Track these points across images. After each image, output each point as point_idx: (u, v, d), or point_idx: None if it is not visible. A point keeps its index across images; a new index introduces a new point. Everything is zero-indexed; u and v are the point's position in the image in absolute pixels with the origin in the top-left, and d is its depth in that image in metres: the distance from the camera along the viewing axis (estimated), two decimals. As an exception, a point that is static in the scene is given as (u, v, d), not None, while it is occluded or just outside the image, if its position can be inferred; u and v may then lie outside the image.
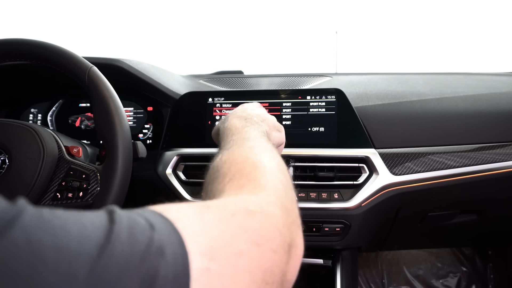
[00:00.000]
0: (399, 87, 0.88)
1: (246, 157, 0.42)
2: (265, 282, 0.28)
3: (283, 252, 0.31)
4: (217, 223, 0.28)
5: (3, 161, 0.58)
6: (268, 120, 0.56)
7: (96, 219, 0.23)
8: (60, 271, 0.19)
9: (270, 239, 0.30)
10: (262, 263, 0.28)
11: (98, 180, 0.59)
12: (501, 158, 0.76)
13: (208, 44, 1.41)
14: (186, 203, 0.30)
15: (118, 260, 0.21)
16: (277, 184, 0.38)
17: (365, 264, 1.36)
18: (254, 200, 0.34)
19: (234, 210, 0.30)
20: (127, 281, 0.21)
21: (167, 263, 0.23)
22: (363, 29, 1.37)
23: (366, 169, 0.74)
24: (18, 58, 0.62)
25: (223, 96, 0.83)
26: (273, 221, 0.32)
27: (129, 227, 0.23)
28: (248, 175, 0.39)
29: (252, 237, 0.29)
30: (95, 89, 0.59)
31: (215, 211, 0.29)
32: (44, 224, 0.20)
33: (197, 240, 0.25)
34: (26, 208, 0.21)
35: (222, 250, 0.26)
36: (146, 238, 0.23)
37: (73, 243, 0.20)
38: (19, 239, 0.18)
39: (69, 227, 0.21)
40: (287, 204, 0.36)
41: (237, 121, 0.52)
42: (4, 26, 1.32)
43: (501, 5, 1.29)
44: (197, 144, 0.81)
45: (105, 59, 0.82)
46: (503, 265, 1.29)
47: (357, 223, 0.75)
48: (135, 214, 0.25)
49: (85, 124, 0.93)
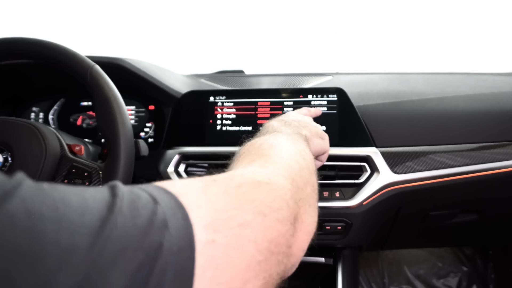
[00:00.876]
0: (400, 86, 0.88)
1: (265, 139, 0.43)
2: (271, 252, 0.28)
3: (289, 224, 0.31)
4: (222, 195, 0.28)
5: (6, 158, 0.58)
6: (310, 127, 0.54)
7: (98, 193, 0.23)
8: (61, 242, 0.18)
9: (276, 209, 0.30)
10: (267, 233, 0.28)
11: (100, 178, 0.59)
12: (502, 158, 0.76)
13: (209, 44, 1.41)
14: (191, 178, 0.29)
15: (120, 232, 0.20)
16: (291, 163, 0.38)
17: (366, 264, 1.36)
18: (262, 171, 0.34)
19: (240, 182, 0.30)
20: (130, 253, 0.20)
21: (170, 236, 0.22)
22: (364, 28, 1.38)
23: (368, 168, 0.74)
24: (21, 57, 0.62)
25: (224, 95, 0.83)
26: (280, 192, 0.32)
27: (131, 201, 0.23)
28: (262, 152, 0.39)
29: (258, 207, 0.28)
30: (97, 88, 0.59)
31: (220, 184, 0.29)
32: (44, 196, 0.20)
33: (201, 213, 0.25)
34: (24, 181, 0.20)
35: (226, 221, 0.26)
36: (149, 212, 0.23)
37: (74, 215, 0.20)
38: (18, 210, 0.18)
39: (70, 199, 0.21)
40: (299, 182, 0.36)
41: (276, 123, 0.52)
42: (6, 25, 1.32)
43: (501, 5, 1.29)
44: (199, 143, 0.81)
45: (107, 58, 0.82)
46: (504, 265, 1.29)
47: (358, 222, 0.75)
48: (137, 188, 0.25)
49: (86, 123, 0.93)
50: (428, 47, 1.34)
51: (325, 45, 1.37)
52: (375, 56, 1.35)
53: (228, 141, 0.80)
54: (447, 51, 1.32)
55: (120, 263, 0.19)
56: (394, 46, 1.34)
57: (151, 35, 1.41)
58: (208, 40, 1.41)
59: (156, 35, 1.41)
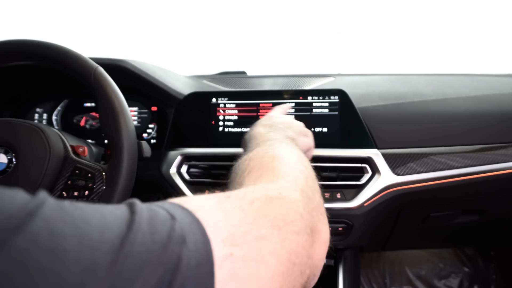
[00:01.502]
0: (401, 87, 0.89)
1: (264, 151, 0.43)
2: (293, 263, 0.28)
3: (306, 235, 0.31)
4: (237, 211, 0.28)
5: (10, 160, 0.59)
6: (294, 126, 0.56)
7: (117, 210, 0.23)
8: (82, 261, 0.19)
9: (291, 222, 0.30)
10: (285, 245, 0.28)
11: (103, 179, 0.60)
12: (503, 159, 0.76)
13: (211, 45, 1.42)
14: (205, 195, 0.30)
15: (140, 249, 0.21)
16: (296, 173, 0.39)
17: (367, 264, 1.36)
18: (272, 186, 0.34)
19: (253, 198, 0.30)
20: (150, 269, 0.20)
21: (189, 251, 0.22)
22: (366, 29, 1.38)
23: (369, 169, 0.75)
24: (25, 59, 0.63)
25: (226, 96, 0.83)
26: (293, 205, 0.32)
27: (150, 218, 0.23)
28: (266, 165, 0.39)
29: (272, 221, 0.29)
30: (101, 90, 0.60)
31: (235, 200, 0.30)
32: (65, 215, 0.20)
33: (218, 228, 0.25)
34: (47, 200, 0.21)
35: (243, 235, 0.26)
36: (167, 228, 0.23)
37: (95, 233, 0.20)
38: (41, 230, 0.18)
39: (90, 218, 0.21)
40: (308, 191, 0.37)
41: (262, 128, 0.53)
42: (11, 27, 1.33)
43: (504, 6, 1.29)
44: (201, 144, 0.81)
45: (111, 59, 0.83)
46: (505, 266, 1.29)
47: (360, 223, 0.75)
48: (155, 205, 0.25)
49: (89, 124, 0.93)
50: (430, 48, 1.34)
51: (327, 46, 1.38)
52: (377, 57, 1.35)
53: (230, 142, 0.81)
54: (449, 52, 1.32)
55: (140, 279, 0.20)
56: (396, 47, 1.35)
57: (154, 37, 1.42)
58: (210, 41, 1.42)
59: (159, 37, 1.42)
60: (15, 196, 0.20)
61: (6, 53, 0.62)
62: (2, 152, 0.59)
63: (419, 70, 1.01)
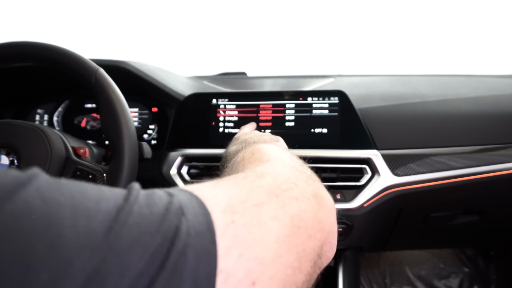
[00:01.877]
0: (401, 88, 0.89)
1: (243, 152, 0.45)
2: (297, 226, 0.28)
3: (307, 200, 0.31)
4: (232, 186, 0.29)
5: (12, 161, 0.59)
6: (263, 136, 0.59)
7: (115, 188, 0.24)
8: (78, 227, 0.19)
9: (286, 190, 0.30)
10: (286, 209, 0.28)
11: (104, 181, 0.60)
12: (503, 160, 0.76)
13: (212, 46, 1.42)
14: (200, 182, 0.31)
15: (137, 219, 0.21)
16: (280, 155, 0.40)
17: (368, 264, 1.36)
18: (261, 167, 0.36)
19: (245, 175, 0.32)
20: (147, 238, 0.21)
21: (188, 221, 0.23)
22: (366, 30, 1.38)
23: (369, 170, 0.75)
24: (26, 61, 0.63)
25: (227, 97, 0.84)
26: (285, 177, 0.33)
27: (147, 194, 0.24)
28: (249, 159, 0.41)
29: (268, 190, 0.29)
30: (102, 91, 0.60)
31: (228, 179, 0.31)
32: (59, 186, 0.20)
33: (216, 200, 0.26)
34: (40, 173, 0.21)
35: (242, 204, 0.27)
36: (165, 202, 0.23)
37: (91, 202, 0.20)
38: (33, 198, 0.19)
39: (86, 189, 0.21)
40: (296, 166, 0.38)
41: (234, 147, 0.55)
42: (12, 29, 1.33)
43: (504, 7, 1.29)
44: (201, 145, 0.82)
45: (111, 61, 0.83)
46: (506, 266, 1.30)
47: (359, 224, 0.75)
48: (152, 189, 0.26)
49: (90, 125, 0.94)
50: (430, 49, 1.34)
51: (327, 47, 1.38)
52: (377, 58, 1.35)
53: (230, 143, 0.81)
54: (449, 53, 1.32)
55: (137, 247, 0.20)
56: (396, 48, 1.35)
57: (155, 38, 1.42)
58: (210, 42, 1.42)
59: (159, 38, 1.42)
60: (8, 171, 0.20)
61: (8, 55, 0.62)
62: (4, 154, 0.59)
63: (419, 71, 1.01)
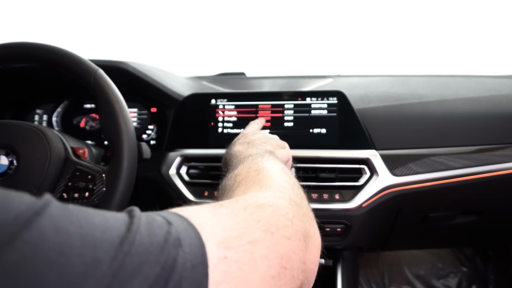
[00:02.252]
0: (400, 89, 0.89)
1: (249, 166, 0.45)
2: (283, 267, 0.29)
3: (298, 240, 0.32)
4: (231, 216, 0.30)
5: (11, 162, 0.59)
6: (270, 141, 0.59)
7: (118, 214, 0.25)
8: (85, 255, 0.20)
9: (282, 227, 0.31)
10: (277, 249, 0.29)
11: (103, 181, 0.60)
12: (501, 160, 0.77)
13: (210, 46, 1.42)
14: (199, 205, 0.32)
15: (139, 249, 0.22)
16: (282, 183, 0.40)
17: (366, 264, 1.37)
18: (262, 195, 0.36)
19: (245, 204, 0.32)
20: (148, 268, 0.22)
21: (185, 253, 0.24)
22: (365, 31, 1.38)
23: (367, 170, 0.75)
24: (26, 61, 0.63)
25: (226, 98, 0.84)
26: (283, 212, 0.33)
27: (148, 222, 0.25)
28: (253, 179, 0.41)
29: (264, 226, 0.30)
30: (101, 91, 0.60)
31: (228, 207, 0.31)
32: (70, 215, 0.22)
33: (212, 232, 0.27)
34: (52, 201, 0.22)
35: (237, 239, 0.27)
36: (164, 231, 0.25)
37: (97, 232, 0.22)
38: (47, 227, 0.20)
39: (93, 218, 0.23)
40: (295, 199, 0.38)
41: (240, 146, 0.56)
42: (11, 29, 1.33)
43: (502, 7, 1.29)
44: (200, 145, 0.82)
45: (111, 61, 0.83)
46: (504, 266, 1.30)
47: (358, 224, 0.76)
48: (152, 213, 0.27)
49: (89, 125, 0.94)
50: (428, 50, 1.34)
51: (326, 48, 1.38)
52: (376, 58, 1.36)
53: (229, 143, 0.81)
54: (448, 53, 1.32)
55: (139, 276, 0.21)
56: (395, 48, 1.35)
57: (154, 38, 1.42)
58: (209, 42, 1.42)
59: (158, 38, 1.42)
60: (23, 197, 0.21)
61: (7, 56, 0.63)
62: (3, 154, 0.59)
63: (417, 71, 1.01)
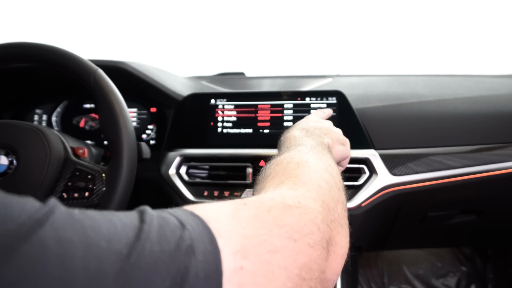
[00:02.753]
0: (399, 88, 0.89)
1: (292, 157, 0.42)
2: (302, 278, 0.27)
3: (321, 248, 0.30)
4: (253, 220, 0.28)
5: (11, 161, 0.59)
6: (331, 133, 0.54)
7: (126, 218, 0.23)
8: (90, 268, 0.19)
9: (307, 234, 0.29)
10: (298, 259, 0.27)
11: (103, 181, 0.60)
12: (500, 159, 0.77)
13: (210, 46, 1.42)
14: (222, 202, 0.29)
15: (148, 259, 0.21)
16: (320, 182, 0.37)
17: (366, 264, 1.37)
18: (292, 194, 0.33)
19: (271, 206, 0.30)
20: (157, 280, 0.21)
21: (197, 262, 0.22)
22: (364, 30, 1.38)
23: (366, 170, 0.75)
24: (25, 61, 0.63)
25: (225, 98, 0.84)
26: (311, 216, 0.31)
27: (159, 226, 0.23)
28: (290, 172, 0.38)
29: (288, 232, 0.28)
30: (101, 91, 0.60)
31: (251, 208, 0.29)
32: (74, 223, 0.21)
33: (229, 239, 0.25)
34: (57, 208, 0.21)
35: (256, 247, 0.25)
36: (176, 237, 0.23)
37: (103, 241, 0.20)
38: (49, 237, 0.19)
39: (99, 226, 0.21)
40: (329, 202, 0.36)
41: (298, 132, 0.52)
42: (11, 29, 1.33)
43: (501, 7, 1.30)
44: (200, 145, 0.82)
45: (110, 61, 0.83)
46: (503, 265, 1.30)
47: (357, 223, 0.76)
48: (166, 213, 0.25)
49: (89, 125, 0.94)
50: (427, 49, 1.34)
51: (325, 47, 1.38)
52: (375, 58, 1.36)
53: (229, 143, 0.81)
54: (447, 53, 1.32)
55: None
56: (394, 48, 1.35)
57: (153, 38, 1.42)
58: (209, 42, 1.42)
59: (158, 38, 1.42)
60: (26, 203, 0.20)
61: (7, 56, 0.63)
62: (3, 154, 0.59)
63: (416, 71, 1.01)
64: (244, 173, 0.77)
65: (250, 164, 0.78)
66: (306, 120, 0.60)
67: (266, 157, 0.78)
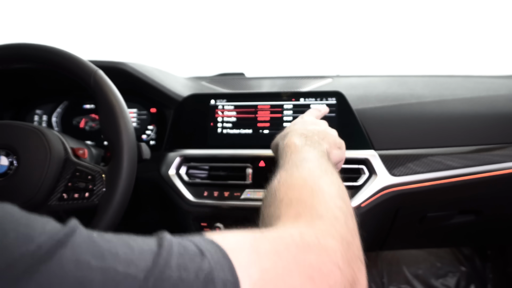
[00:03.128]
0: (398, 89, 0.89)
1: (304, 181, 0.41)
2: None
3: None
4: (272, 256, 0.27)
5: (11, 162, 0.59)
6: (328, 137, 0.54)
7: (145, 243, 0.23)
8: None
9: (327, 275, 0.28)
10: None
11: (103, 181, 0.60)
12: (499, 159, 0.77)
13: (210, 47, 1.42)
14: (242, 232, 0.29)
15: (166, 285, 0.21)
16: (336, 212, 0.37)
17: (365, 264, 1.37)
18: (311, 232, 0.32)
19: (289, 243, 0.29)
20: None
21: None
22: (364, 31, 1.38)
23: (366, 170, 0.75)
24: (26, 62, 0.64)
25: (225, 98, 0.84)
26: (332, 256, 0.30)
27: (179, 253, 0.23)
28: (306, 201, 0.38)
29: (307, 272, 0.27)
30: (101, 92, 0.61)
31: (270, 241, 0.29)
32: (93, 246, 0.21)
33: (249, 271, 0.25)
34: (77, 230, 0.21)
35: (274, 283, 0.25)
36: (195, 265, 0.23)
37: (121, 265, 0.20)
38: (68, 260, 0.19)
39: (117, 250, 0.21)
40: (347, 236, 0.35)
41: (297, 139, 0.51)
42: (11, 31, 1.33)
43: (500, 7, 1.30)
44: (200, 146, 0.82)
45: (110, 62, 0.83)
46: (502, 265, 1.30)
47: (357, 224, 0.76)
48: (186, 240, 0.25)
49: (89, 125, 0.94)
50: (426, 50, 1.35)
51: (325, 48, 1.38)
52: (375, 58, 1.36)
53: (228, 144, 0.81)
54: (446, 53, 1.33)
55: None
56: (393, 48, 1.35)
57: (153, 39, 1.42)
58: (209, 43, 1.42)
59: (158, 39, 1.42)
60: (46, 225, 0.20)
61: (7, 57, 0.63)
62: (3, 155, 0.59)
63: (416, 72, 1.01)
64: (244, 174, 0.78)
65: (250, 165, 0.78)
66: (302, 121, 0.60)
67: (266, 158, 0.78)
